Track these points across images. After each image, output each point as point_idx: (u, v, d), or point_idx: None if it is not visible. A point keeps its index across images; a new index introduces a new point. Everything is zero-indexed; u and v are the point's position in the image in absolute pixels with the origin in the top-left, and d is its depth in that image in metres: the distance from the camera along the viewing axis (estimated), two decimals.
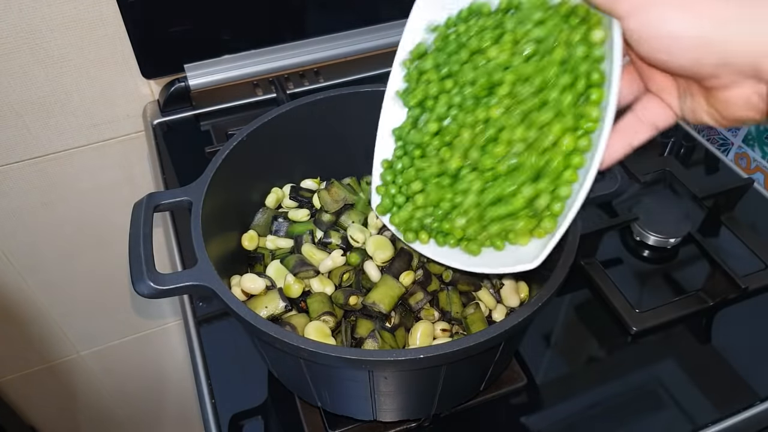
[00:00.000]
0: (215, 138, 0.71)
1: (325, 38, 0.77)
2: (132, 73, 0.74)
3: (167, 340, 1.10)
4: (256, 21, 0.72)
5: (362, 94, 0.54)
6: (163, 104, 0.75)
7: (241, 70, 0.75)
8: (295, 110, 0.53)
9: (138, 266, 0.40)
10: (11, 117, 0.72)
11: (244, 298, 0.48)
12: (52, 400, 1.10)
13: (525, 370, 0.52)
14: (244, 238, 0.52)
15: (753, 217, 0.65)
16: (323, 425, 0.48)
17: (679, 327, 0.56)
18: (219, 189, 0.46)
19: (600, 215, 0.65)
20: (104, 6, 0.67)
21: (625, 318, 0.55)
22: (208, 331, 0.55)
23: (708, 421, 0.49)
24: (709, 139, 1.08)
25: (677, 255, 0.62)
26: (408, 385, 0.42)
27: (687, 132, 0.75)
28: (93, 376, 1.09)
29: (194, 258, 0.40)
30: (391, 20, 0.79)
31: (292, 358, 0.40)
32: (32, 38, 0.67)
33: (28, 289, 0.89)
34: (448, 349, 0.36)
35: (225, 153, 0.48)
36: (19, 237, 0.83)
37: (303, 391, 0.48)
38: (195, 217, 0.43)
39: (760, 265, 0.60)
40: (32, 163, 0.77)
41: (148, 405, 1.23)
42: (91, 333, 1.01)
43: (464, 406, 0.50)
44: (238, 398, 0.51)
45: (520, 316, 0.37)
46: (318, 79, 0.79)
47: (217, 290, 0.39)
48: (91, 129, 0.77)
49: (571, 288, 0.59)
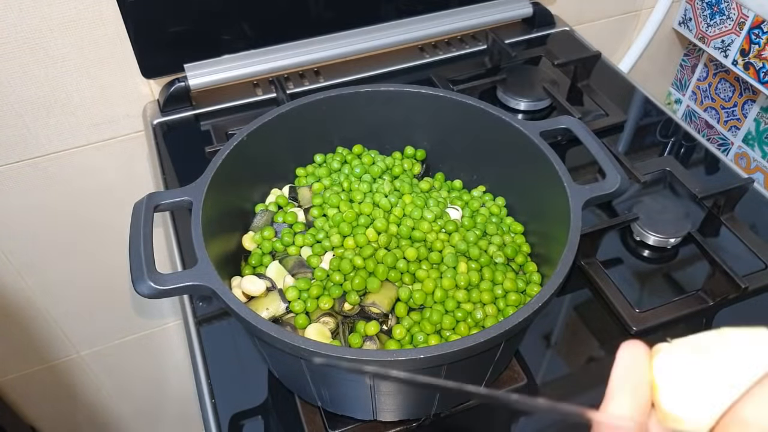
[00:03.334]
0: (215, 138, 0.71)
1: (324, 38, 0.77)
2: (132, 73, 0.74)
3: (167, 340, 1.10)
4: (256, 21, 0.72)
5: (362, 94, 0.54)
6: (163, 104, 0.75)
7: (241, 70, 0.75)
8: (295, 110, 0.53)
9: (138, 266, 0.40)
10: (11, 117, 0.72)
11: (245, 300, 0.48)
12: (52, 400, 1.10)
13: (525, 370, 0.52)
14: (244, 239, 0.52)
15: (753, 217, 0.65)
16: (323, 425, 0.48)
17: (679, 327, 0.56)
18: (219, 189, 0.46)
19: (600, 215, 0.65)
20: (104, 6, 0.67)
21: (625, 318, 0.55)
22: (208, 331, 0.55)
23: None
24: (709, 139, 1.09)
25: (677, 255, 0.62)
26: (408, 385, 0.42)
27: (687, 132, 0.75)
28: (93, 376, 1.09)
29: (194, 258, 0.40)
30: (391, 20, 0.79)
31: (292, 358, 0.40)
32: (32, 38, 0.67)
33: (28, 289, 0.89)
34: (448, 349, 0.36)
35: (225, 153, 0.48)
36: (18, 237, 0.83)
37: (303, 391, 0.48)
38: (195, 217, 0.43)
39: (760, 265, 0.60)
40: (32, 163, 0.77)
41: (148, 405, 1.23)
42: (91, 333, 1.01)
43: (464, 406, 0.50)
44: (238, 398, 0.51)
45: (520, 316, 0.37)
46: (318, 79, 0.79)
47: (217, 290, 0.39)
48: (91, 129, 0.77)
49: (571, 288, 0.59)
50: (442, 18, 0.82)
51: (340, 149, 0.58)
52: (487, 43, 0.84)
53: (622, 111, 0.76)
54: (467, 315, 0.46)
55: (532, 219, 0.53)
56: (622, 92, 0.81)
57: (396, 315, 0.46)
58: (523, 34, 0.88)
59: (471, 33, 0.86)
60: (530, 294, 0.47)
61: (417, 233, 0.50)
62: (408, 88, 0.55)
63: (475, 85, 0.78)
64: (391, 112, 0.56)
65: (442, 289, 0.46)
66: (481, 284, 0.47)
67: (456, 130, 0.55)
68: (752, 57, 0.89)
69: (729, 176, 0.70)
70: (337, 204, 0.52)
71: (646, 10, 1.01)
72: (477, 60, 0.84)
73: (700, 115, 1.10)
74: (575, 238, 0.42)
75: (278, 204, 0.54)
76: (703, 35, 0.97)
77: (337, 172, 0.56)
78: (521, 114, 0.76)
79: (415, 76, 0.81)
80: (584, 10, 0.96)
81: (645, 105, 0.79)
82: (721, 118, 1.05)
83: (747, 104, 1.00)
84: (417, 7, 0.80)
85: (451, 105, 0.54)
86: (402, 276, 0.48)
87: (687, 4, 0.99)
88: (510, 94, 0.76)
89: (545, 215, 0.49)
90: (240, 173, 0.50)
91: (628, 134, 0.75)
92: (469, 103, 0.53)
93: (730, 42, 0.92)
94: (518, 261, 0.50)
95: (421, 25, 0.81)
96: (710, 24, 0.95)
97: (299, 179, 0.57)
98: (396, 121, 0.57)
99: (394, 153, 0.59)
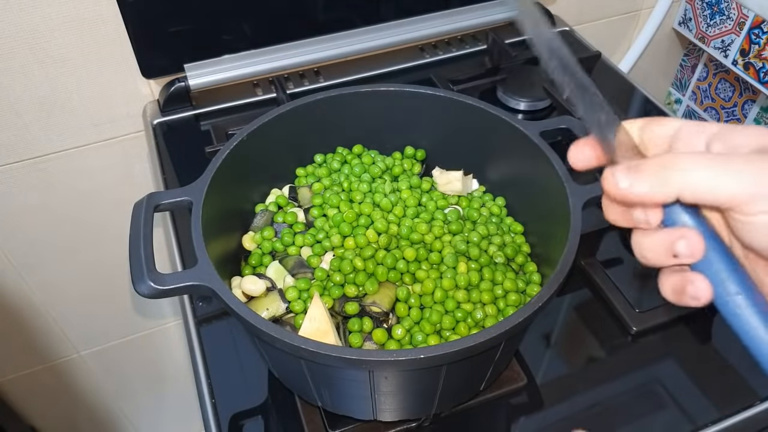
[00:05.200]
0: (215, 138, 0.71)
1: (324, 38, 0.77)
2: (132, 73, 0.74)
3: (167, 340, 1.10)
4: (256, 21, 0.72)
5: (362, 94, 0.54)
6: (163, 104, 0.75)
7: (241, 70, 0.75)
8: (295, 110, 0.53)
9: (138, 266, 0.40)
10: (11, 117, 0.72)
11: (245, 300, 0.48)
12: (52, 400, 1.10)
13: (525, 370, 0.52)
14: (244, 239, 0.52)
15: None
16: (323, 425, 0.48)
17: (679, 327, 0.56)
18: (219, 189, 0.46)
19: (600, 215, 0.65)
20: (104, 6, 0.67)
21: (625, 318, 0.55)
22: (208, 331, 0.55)
23: (708, 421, 0.49)
24: None
25: None
26: (408, 385, 0.42)
27: None
28: (93, 376, 1.09)
29: (194, 258, 0.40)
30: (391, 20, 0.79)
31: (292, 358, 0.40)
32: (32, 38, 0.66)
33: (28, 289, 0.89)
34: (448, 349, 0.36)
35: (225, 153, 0.48)
36: (19, 237, 0.83)
37: (303, 390, 0.48)
38: (195, 217, 0.43)
39: None
40: (32, 163, 0.77)
41: (148, 405, 1.23)
42: (91, 333, 1.01)
43: (464, 406, 0.50)
44: (238, 398, 0.51)
45: (520, 316, 0.37)
46: (318, 79, 0.79)
47: (217, 290, 0.39)
48: (91, 129, 0.77)
49: (571, 288, 0.59)
50: (442, 18, 0.82)
51: (340, 149, 0.58)
52: (487, 43, 0.84)
53: (622, 111, 0.76)
54: (467, 315, 0.46)
55: (532, 219, 0.53)
56: (622, 92, 0.81)
57: (396, 315, 0.46)
58: (524, 34, 0.88)
59: (471, 33, 0.86)
60: (530, 294, 0.47)
61: (416, 234, 0.50)
62: (408, 88, 0.55)
63: (475, 85, 0.78)
64: (391, 112, 0.56)
65: (442, 290, 0.46)
66: (481, 284, 0.47)
67: (456, 130, 0.55)
68: (752, 57, 0.89)
69: None
70: (337, 204, 0.52)
71: (646, 10, 1.01)
72: (477, 60, 0.84)
73: (700, 115, 1.10)
74: (575, 238, 0.42)
75: (278, 204, 0.54)
76: (703, 35, 0.97)
77: (337, 172, 0.56)
78: (521, 114, 0.76)
79: (415, 76, 0.81)
80: (584, 10, 0.96)
81: (645, 105, 0.79)
82: (721, 118, 1.05)
83: (747, 104, 0.99)
84: (417, 7, 0.80)
85: (451, 105, 0.54)
86: (402, 276, 0.48)
87: (687, 4, 0.99)
88: (510, 94, 0.76)
89: (545, 215, 0.49)
90: (240, 173, 0.50)
91: None
92: (469, 103, 0.53)
93: (730, 42, 0.92)
94: (518, 261, 0.50)
95: (421, 25, 0.81)
96: (710, 24, 0.95)
97: (299, 179, 0.57)
98: (396, 121, 0.57)
99: (394, 153, 0.59)
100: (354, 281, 0.47)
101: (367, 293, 0.46)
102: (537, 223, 0.52)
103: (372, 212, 0.51)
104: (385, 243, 0.49)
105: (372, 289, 0.46)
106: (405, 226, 0.50)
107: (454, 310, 0.46)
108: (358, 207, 0.52)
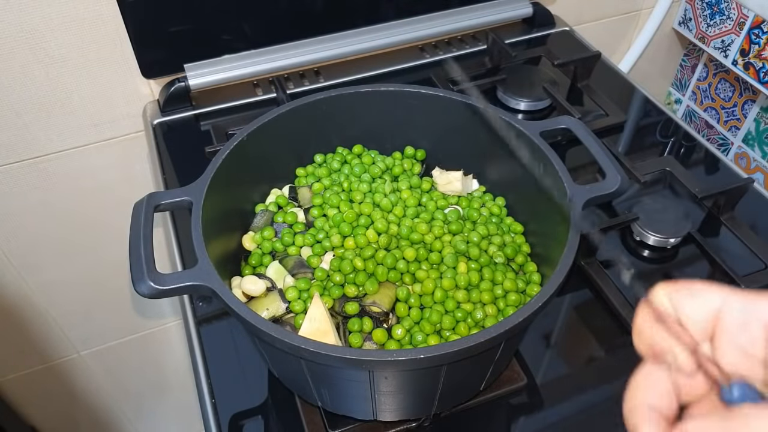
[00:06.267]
0: (215, 138, 0.71)
1: (325, 38, 0.77)
2: (132, 73, 0.74)
3: (167, 340, 1.10)
4: (256, 21, 0.72)
5: (362, 94, 0.54)
6: (163, 104, 0.75)
7: (241, 70, 0.75)
8: (295, 110, 0.53)
9: (138, 266, 0.40)
10: (11, 117, 0.72)
11: (245, 300, 0.48)
12: (52, 400, 1.10)
13: (525, 370, 0.52)
14: (244, 239, 0.52)
15: (753, 217, 0.65)
16: (323, 425, 0.48)
17: None
18: (219, 189, 0.46)
19: (600, 215, 0.65)
20: (104, 6, 0.67)
21: (625, 318, 0.55)
22: (208, 331, 0.55)
23: None
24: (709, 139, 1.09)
25: (677, 255, 0.62)
26: (408, 385, 0.42)
27: (687, 132, 0.75)
28: (93, 376, 1.09)
29: (194, 258, 0.40)
30: (391, 20, 0.79)
31: (292, 358, 0.40)
32: (32, 38, 0.66)
33: (28, 289, 0.89)
34: (448, 349, 0.36)
35: (225, 153, 0.48)
36: (19, 237, 0.83)
37: (303, 390, 0.48)
38: (195, 217, 0.43)
39: (760, 265, 0.60)
40: (32, 163, 0.77)
41: (148, 404, 1.23)
42: (91, 333, 1.01)
43: (464, 405, 0.50)
44: (238, 398, 0.51)
45: (520, 316, 0.37)
46: (318, 79, 0.79)
47: (217, 290, 0.39)
48: (91, 129, 0.77)
49: (571, 288, 0.59)
50: (442, 18, 0.82)
51: (340, 149, 0.58)
52: (487, 43, 0.84)
53: (622, 111, 0.76)
54: (467, 315, 0.46)
55: (532, 219, 0.53)
56: (622, 92, 0.81)
57: (396, 315, 0.46)
58: (523, 34, 0.88)
59: (471, 33, 0.86)
60: (530, 294, 0.47)
61: (416, 234, 0.50)
62: (408, 88, 0.55)
63: (475, 85, 0.78)
64: (391, 112, 0.56)
65: (442, 290, 0.46)
66: (481, 284, 0.47)
67: (456, 130, 0.55)
68: (752, 57, 0.89)
69: (729, 176, 0.70)
70: (337, 204, 0.52)
71: (646, 10, 1.01)
72: (477, 60, 0.84)
73: (700, 115, 1.10)
74: (575, 238, 0.42)
75: (278, 204, 0.54)
76: (703, 35, 0.97)
77: (337, 172, 0.56)
78: (521, 114, 0.76)
79: (415, 76, 0.81)
80: (584, 10, 0.96)
81: (645, 105, 0.79)
82: (721, 118, 1.05)
83: (747, 104, 0.99)
84: (417, 7, 0.80)
85: (451, 105, 0.54)
86: (402, 276, 0.48)
87: (687, 4, 0.99)
88: (510, 94, 0.76)
89: (545, 215, 0.49)
90: (240, 173, 0.50)
91: (628, 134, 0.75)
92: (469, 103, 0.53)
93: (730, 42, 0.92)
94: (518, 261, 0.50)
95: (421, 25, 0.81)
96: (710, 24, 0.95)
97: (299, 179, 0.57)
98: (396, 121, 0.57)
99: (394, 153, 0.59)
100: (354, 281, 0.47)
101: (367, 293, 0.46)
102: (537, 223, 0.52)
103: (372, 212, 0.51)
104: (385, 243, 0.49)
105: (372, 289, 0.46)
106: (405, 226, 0.50)
107: (454, 310, 0.46)
108: (358, 207, 0.52)
